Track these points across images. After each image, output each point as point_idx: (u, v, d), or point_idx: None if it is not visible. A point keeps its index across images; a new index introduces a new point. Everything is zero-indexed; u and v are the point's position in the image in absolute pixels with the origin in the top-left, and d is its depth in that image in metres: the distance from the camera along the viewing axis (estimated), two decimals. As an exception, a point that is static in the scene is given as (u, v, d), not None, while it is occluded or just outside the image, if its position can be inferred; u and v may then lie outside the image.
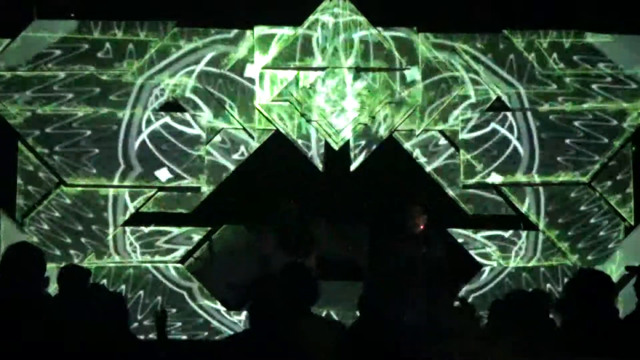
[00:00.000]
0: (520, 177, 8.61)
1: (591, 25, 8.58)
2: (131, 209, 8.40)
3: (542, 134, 8.63)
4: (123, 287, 8.26)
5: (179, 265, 8.45)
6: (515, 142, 8.62)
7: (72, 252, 8.29)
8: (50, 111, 8.31)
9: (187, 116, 8.46)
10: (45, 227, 8.28)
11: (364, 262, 9.10)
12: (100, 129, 8.35)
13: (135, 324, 8.06)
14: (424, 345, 4.89)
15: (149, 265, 8.39)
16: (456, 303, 7.10)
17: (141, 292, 8.32)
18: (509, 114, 8.64)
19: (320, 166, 8.50)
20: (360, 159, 8.51)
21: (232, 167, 8.54)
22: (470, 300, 7.59)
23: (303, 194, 8.59)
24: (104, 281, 8.20)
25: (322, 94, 8.38)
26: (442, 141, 8.69)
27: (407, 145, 8.64)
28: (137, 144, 8.38)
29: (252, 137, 8.53)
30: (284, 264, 5.85)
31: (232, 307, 8.40)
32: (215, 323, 8.38)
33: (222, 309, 8.40)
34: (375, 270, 8.57)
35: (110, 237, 8.37)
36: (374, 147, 8.52)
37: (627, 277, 8.23)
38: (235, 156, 8.55)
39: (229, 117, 8.50)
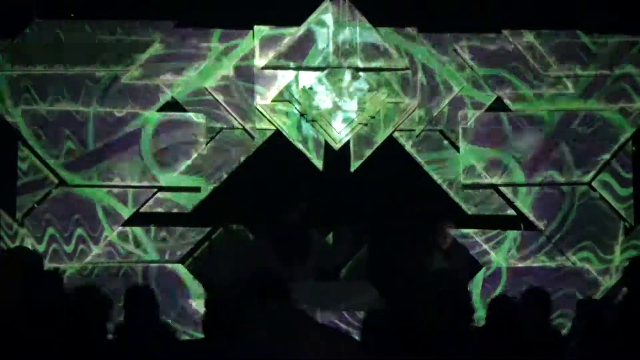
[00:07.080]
0: (520, 177, 8.60)
1: (591, 26, 8.58)
2: (131, 209, 8.40)
3: (542, 134, 8.63)
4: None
5: (179, 265, 8.46)
6: (515, 142, 8.62)
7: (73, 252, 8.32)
8: (50, 111, 8.32)
9: (187, 116, 8.47)
10: (45, 227, 8.28)
11: (364, 263, 9.12)
12: (100, 128, 8.36)
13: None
14: None
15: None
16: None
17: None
18: (509, 114, 8.64)
19: (320, 166, 8.49)
20: (361, 159, 8.50)
21: (232, 168, 8.53)
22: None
23: (303, 194, 8.59)
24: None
25: (322, 94, 8.37)
26: (442, 141, 8.69)
27: (407, 146, 8.64)
28: (136, 144, 8.38)
29: (252, 137, 8.52)
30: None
31: None
32: None
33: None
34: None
35: (110, 237, 8.38)
36: (374, 147, 8.52)
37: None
38: (235, 156, 8.54)
39: (228, 117, 8.49)
